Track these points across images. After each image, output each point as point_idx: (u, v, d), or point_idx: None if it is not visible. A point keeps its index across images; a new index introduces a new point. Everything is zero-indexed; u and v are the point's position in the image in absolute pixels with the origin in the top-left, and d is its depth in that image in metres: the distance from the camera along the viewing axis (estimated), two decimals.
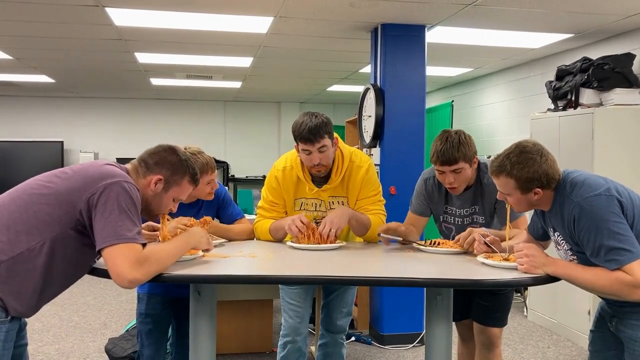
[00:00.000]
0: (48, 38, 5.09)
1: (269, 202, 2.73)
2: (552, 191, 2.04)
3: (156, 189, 2.00)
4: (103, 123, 9.87)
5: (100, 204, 1.80)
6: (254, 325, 4.23)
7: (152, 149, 2.08)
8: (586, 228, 1.90)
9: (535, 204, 2.09)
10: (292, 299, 2.69)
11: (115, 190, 1.82)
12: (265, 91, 8.85)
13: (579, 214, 1.92)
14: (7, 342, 1.79)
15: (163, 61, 6.19)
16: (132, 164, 2.04)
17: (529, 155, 2.03)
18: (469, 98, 7.51)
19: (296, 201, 2.72)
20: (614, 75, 4.40)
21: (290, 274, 2.06)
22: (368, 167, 2.69)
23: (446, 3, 3.95)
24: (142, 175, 2.01)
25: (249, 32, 4.81)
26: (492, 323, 2.69)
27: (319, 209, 2.70)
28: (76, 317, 5.14)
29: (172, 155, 2.05)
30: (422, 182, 2.76)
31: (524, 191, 2.03)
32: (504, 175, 2.04)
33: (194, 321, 2.28)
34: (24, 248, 1.78)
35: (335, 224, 2.49)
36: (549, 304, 4.87)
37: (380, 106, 4.56)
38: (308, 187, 2.65)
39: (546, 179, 2.01)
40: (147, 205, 2.02)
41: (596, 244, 1.88)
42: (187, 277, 1.97)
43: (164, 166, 2.02)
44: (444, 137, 2.50)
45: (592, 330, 2.24)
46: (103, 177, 1.85)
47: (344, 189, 2.68)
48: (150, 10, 4.17)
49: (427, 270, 2.20)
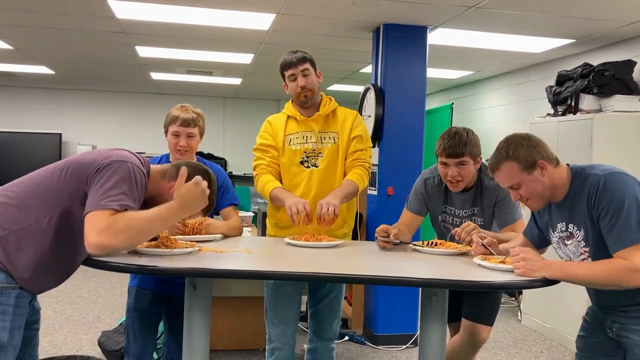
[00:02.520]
0: (49, 29, 5.08)
1: (263, 146, 2.83)
2: (556, 169, 2.03)
3: (172, 196, 2.01)
4: (102, 116, 9.85)
5: (99, 176, 1.82)
6: (247, 321, 4.22)
7: (192, 164, 2.16)
8: (608, 199, 1.89)
9: (550, 189, 2.05)
10: (277, 304, 2.66)
11: (120, 167, 1.84)
12: (265, 88, 8.84)
13: (603, 184, 1.91)
14: (18, 308, 1.82)
15: (164, 55, 6.18)
16: (163, 165, 2.13)
17: (517, 137, 2.07)
18: (469, 101, 7.51)
19: (285, 137, 2.77)
20: (614, 81, 4.41)
21: (286, 271, 2.06)
22: (356, 114, 2.84)
23: (449, 5, 3.95)
24: (168, 179, 2.05)
25: (250, 29, 4.80)
26: (482, 320, 2.70)
27: (309, 141, 2.75)
28: (70, 310, 5.13)
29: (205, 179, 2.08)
30: (421, 181, 2.78)
31: (530, 169, 2.01)
32: (506, 162, 2.04)
33: (188, 316, 2.26)
34: (33, 220, 1.82)
35: (331, 204, 2.53)
36: (543, 308, 4.87)
37: (380, 106, 4.56)
38: (298, 117, 2.76)
39: (543, 151, 2.03)
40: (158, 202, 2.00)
41: (615, 216, 1.87)
42: (182, 270, 1.96)
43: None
44: (452, 131, 2.56)
45: (583, 335, 2.21)
46: (113, 155, 1.89)
47: (334, 125, 2.77)
48: (153, 4, 4.16)
49: (423, 270, 2.20)
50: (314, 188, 2.71)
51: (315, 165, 2.74)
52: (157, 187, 2.03)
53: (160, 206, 1.95)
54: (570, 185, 2.04)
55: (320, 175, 2.72)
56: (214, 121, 10.20)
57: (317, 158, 2.74)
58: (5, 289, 1.79)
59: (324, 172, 2.73)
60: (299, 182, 2.73)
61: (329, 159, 2.74)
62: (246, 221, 4.85)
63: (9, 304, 1.80)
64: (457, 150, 2.49)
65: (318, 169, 2.73)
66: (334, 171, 2.74)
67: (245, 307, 4.20)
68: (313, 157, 2.75)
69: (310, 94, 2.73)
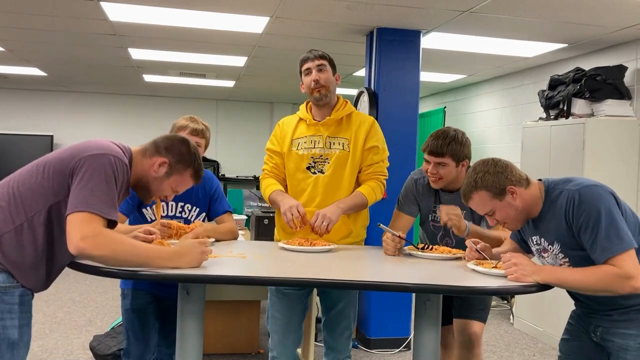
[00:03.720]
0: (41, 31, 5.05)
1: (270, 151, 2.80)
2: (527, 190, 2.05)
3: (159, 171, 2.04)
4: (94, 118, 9.80)
5: (81, 172, 1.83)
6: (241, 325, 4.21)
7: (167, 135, 2.15)
8: (586, 212, 1.91)
9: (524, 211, 2.07)
10: (278, 311, 2.62)
11: (100, 161, 1.85)
12: (259, 91, 8.83)
13: (579, 199, 1.93)
14: (23, 306, 1.86)
15: (157, 58, 6.16)
16: (142, 145, 2.10)
17: (484, 165, 2.10)
18: (462, 105, 7.54)
19: (293, 141, 2.72)
20: (606, 86, 4.44)
21: (280, 276, 2.05)
22: (373, 121, 2.78)
23: (442, 9, 3.96)
24: (149, 156, 2.05)
25: (244, 32, 4.80)
26: (473, 316, 2.70)
27: (317, 146, 2.70)
28: (61, 314, 5.09)
29: (183, 146, 2.10)
30: (411, 182, 2.79)
31: (501, 195, 2.04)
32: (475, 191, 2.07)
33: (181, 321, 2.25)
34: (24, 219, 1.84)
35: (327, 218, 2.50)
36: (535, 312, 4.89)
37: (374, 110, 4.57)
38: (308, 120, 2.71)
39: (510, 175, 2.05)
40: (146, 185, 2.05)
41: (596, 229, 1.89)
42: (175, 276, 1.94)
43: (172, 152, 2.06)
44: (443, 130, 2.62)
45: (567, 338, 2.23)
46: (92, 148, 1.90)
47: (346, 131, 2.70)
48: (146, 6, 4.15)
49: (417, 275, 2.19)
50: (320, 195, 2.64)
51: (322, 172, 2.67)
52: (142, 167, 2.04)
53: (153, 246, 2.03)
54: (544, 202, 2.06)
55: (325, 182, 2.65)
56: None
57: (324, 164, 2.67)
58: (8, 289, 1.82)
59: (330, 178, 2.65)
60: (304, 189, 2.67)
61: (336, 166, 2.66)
62: (239, 224, 4.84)
63: (14, 303, 1.83)
64: (438, 149, 2.56)
65: (324, 176, 2.66)
66: (340, 179, 2.66)
67: (239, 311, 4.18)
68: (320, 162, 2.68)
69: (325, 91, 2.67)
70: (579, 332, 2.17)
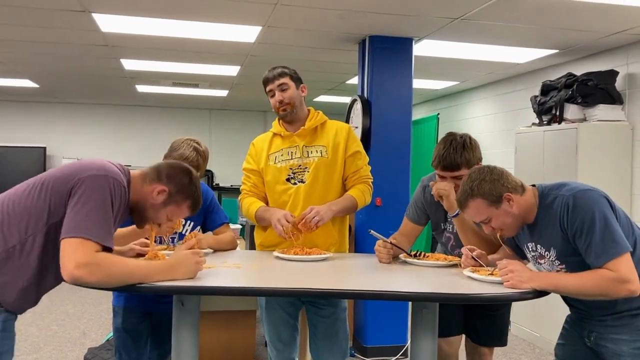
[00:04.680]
0: (32, 42, 5.03)
1: (247, 170, 2.80)
2: (523, 196, 2.05)
3: (157, 198, 1.98)
4: (86, 129, 9.76)
5: (79, 192, 1.77)
6: (236, 336, 4.18)
7: (171, 163, 2.10)
8: (580, 217, 1.91)
9: (520, 217, 2.07)
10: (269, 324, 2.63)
11: (99, 183, 1.79)
12: (252, 100, 8.83)
13: (573, 204, 1.93)
14: (6, 332, 1.78)
15: (149, 68, 6.15)
16: (143, 169, 2.05)
17: (480, 173, 2.08)
18: (455, 111, 7.56)
19: (269, 156, 2.72)
20: (597, 91, 4.46)
21: (275, 287, 2.04)
22: (349, 127, 2.80)
23: (434, 17, 3.98)
24: (149, 182, 2.00)
25: (236, 41, 4.80)
26: (490, 345, 2.71)
27: (294, 156, 2.69)
28: (55, 326, 5.05)
29: (185, 177, 2.05)
30: (420, 189, 2.68)
31: (497, 203, 2.03)
32: (472, 199, 2.06)
33: (177, 332, 2.24)
34: (16, 242, 1.78)
35: (320, 215, 2.50)
36: (532, 317, 4.89)
37: (367, 117, 4.57)
38: (282, 133, 2.72)
39: (507, 183, 2.04)
40: (142, 211, 2.00)
41: (591, 233, 1.88)
42: (170, 288, 1.92)
43: (173, 182, 2.01)
44: (449, 140, 2.43)
45: (562, 343, 2.23)
46: (91, 168, 1.84)
47: (322, 138, 2.72)
48: (138, 17, 4.14)
49: (413, 283, 2.19)
50: (301, 203, 2.63)
51: (302, 181, 2.66)
52: (140, 192, 1.99)
53: (147, 262, 1.98)
54: (539, 208, 2.06)
55: (306, 190, 2.64)
56: (200, 133, 10.15)
57: (304, 173, 2.67)
58: None
59: (310, 187, 2.65)
60: (286, 200, 2.67)
61: (315, 173, 2.66)
62: (234, 233, 4.82)
63: None
64: (452, 162, 2.38)
65: (305, 185, 2.65)
66: (322, 186, 2.66)
67: (234, 322, 4.15)
68: (299, 172, 2.68)
69: (290, 108, 2.69)
70: (574, 337, 2.17)
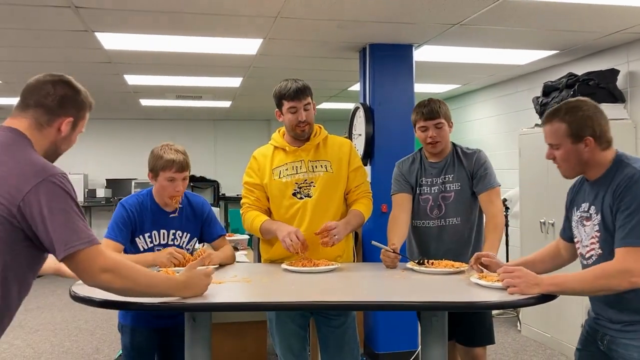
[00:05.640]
0: (37, 62, 5.09)
1: (248, 184, 2.79)
2: (602, 151, 2.00)
3: (65, 131, 1.77)
4: (91, 144, 9.78)
5: (44, 211, 1.54)
6: (248, 346, 4.20)
7: (43, 89, 1.82)
8: (634, 195, 1.87)
9: (585, 165, 2.02)
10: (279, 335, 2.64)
11: (52, 191, 1.57)
12: (255, 109, 8.87)
13: (635, 180, 1.89)
14: None
15: (153, 83, 6.20)
16: (28, 116, 1.73)
17: (581, 103, 2.03)
18: (457, 114, 7.57)
19: (274, 170, 2.71)
20: (599, 90, 4.47)
21: (286, 301, 2.06)
22: (350, 143, 2.85)
23: (433, 23, 4.00)
24: (48, 124, 1.74)
25: (238, 54, 4.84)
26: (477, 344, 2.76)
27: (300, 171, 2.70)
28: (68, 342, 5.08)
29: (71, 91, 1.84)
30: (396, 167, 2.95)
31: (575, 139, 1.98)
32: (557, 120, 2.01)
33: (189, 348, 2.26)
34: None
35: (338, 235, 2.54)
36: (542, 318, 4.89)
37: (370, 125, 4.60)
38: (287, 148, 2.71)
39: (599, 129, 1.98)
40: (55, 151, 1.79)
41: (633, 215, 1.85)
42: (182, 305, 1.95)
43: (70, 106, 1.80)
44: (426, 100, 2.82)
45: (580, 348, 2.21)
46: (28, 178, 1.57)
47: (326, 153, 2.74)
48: (140, 34, 4.19)
49: (421, 292, 2.20)
50: (307, 218, 2.64)
51: (309, 196, 2.67)
52: (45, 139, 1.74)
53: (165, 276, 1.98)
54: (608, 169, 2.01)
55: (313, 205, 2.65)
56: (204, 144, 10.22)
57: (310, 188, 2.67)
58: None
59: (317, 201, 2.66)
60: (293, 214, 2.67)
61: (322, 188, 2.67)
62: (242, 244, 4.83)
63: None
64: (433, 111, 2.76)
65: (312, 199, 2.66)
66: (327, 200, 2.68)
67: (245, 333, 4.18)
68: (305, 187, 2.68)
69: (309, 129, 2.69)
70: (590, 341, 2.16)
